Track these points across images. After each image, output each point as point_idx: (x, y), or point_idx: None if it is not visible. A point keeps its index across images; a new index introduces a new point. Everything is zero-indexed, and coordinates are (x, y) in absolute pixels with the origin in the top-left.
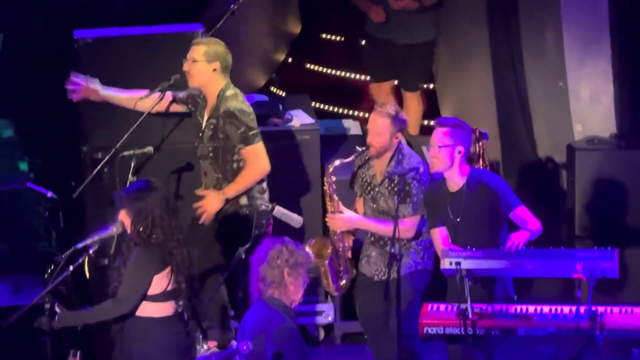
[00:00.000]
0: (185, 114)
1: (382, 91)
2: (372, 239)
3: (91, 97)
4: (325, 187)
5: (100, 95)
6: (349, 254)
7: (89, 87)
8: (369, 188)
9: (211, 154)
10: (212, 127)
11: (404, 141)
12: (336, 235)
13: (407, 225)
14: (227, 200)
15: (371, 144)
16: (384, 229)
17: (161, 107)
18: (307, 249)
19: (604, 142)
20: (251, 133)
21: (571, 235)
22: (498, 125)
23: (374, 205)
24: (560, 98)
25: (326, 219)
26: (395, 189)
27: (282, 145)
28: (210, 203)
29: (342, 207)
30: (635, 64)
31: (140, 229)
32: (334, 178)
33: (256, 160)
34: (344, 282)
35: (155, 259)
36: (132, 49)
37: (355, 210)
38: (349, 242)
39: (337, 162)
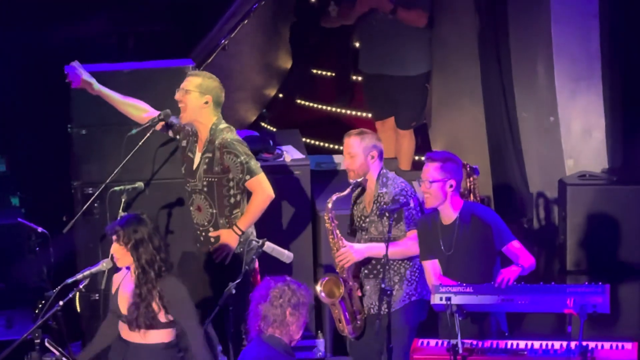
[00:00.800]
0: (174, 149)
1: (385, 128)
2: (366, 271)
3: (87, 89)
4: (327, 224)
5: (94, 90)
6: (359, 292)
7: (85, 80)
8: (361, 221)
9: (206, 189)
10: (207, 160)
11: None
12: (345, 273)
13: (412, 239)
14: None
15: (349, 168)
16: (393, 249)
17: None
18: (319, 287)
19: (596, 178)
20: (253, 162)
21: (563, 270)
22: (489, 161)
23: (366, 236)
24: (551, 133)
25: (336, 257)
26: (384, 210)
27: (272, 181)
28: (228, 241)
29: (345, 242)
30: (626, 98)
31: (146, 259)
32: (334, 213)
33: (261, 189)
34: (358, 323)
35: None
36: (123, 84)
37: None
38: (357, 281)
39: (334, 197)
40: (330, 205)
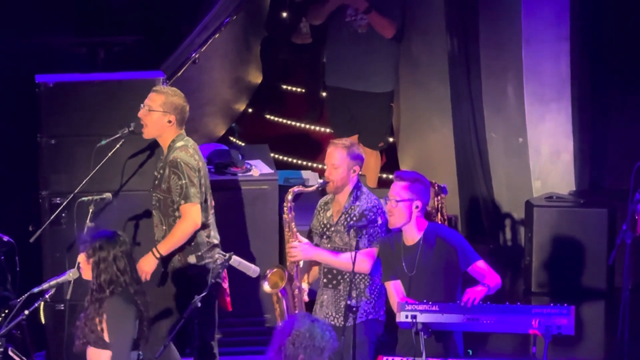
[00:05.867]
0: (143, 161)
1: None
2: (325, 280)
3: None
4: (285, 214)
5: None
6: (305, 298)
7: None
8: (324, 229)
9: (158, 204)
10: (159, 176)
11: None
12: (294, 271)
13: (363, 256)
14: (164, 258)
15: (329, 178)
16: (339, 260)
17: None
18: (266, 279)
19: (563, 199)
20: (192, 189)
21: (528, 291)
22: (457, 180)
23: (329, 245)
24: (520, 154)
25: (287, 250)
26: (352, 222)
27: (240, 195)
28: (145, 266)
29: (300, 237)
30: (595, 121)
31: (105, 279)
32: (293, 204)
33: (190, 216)
34: None
35: (130, 306)
36: (94, 94)
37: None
38: (305, 285)
39: (296, 189)
40: (290, 196)
